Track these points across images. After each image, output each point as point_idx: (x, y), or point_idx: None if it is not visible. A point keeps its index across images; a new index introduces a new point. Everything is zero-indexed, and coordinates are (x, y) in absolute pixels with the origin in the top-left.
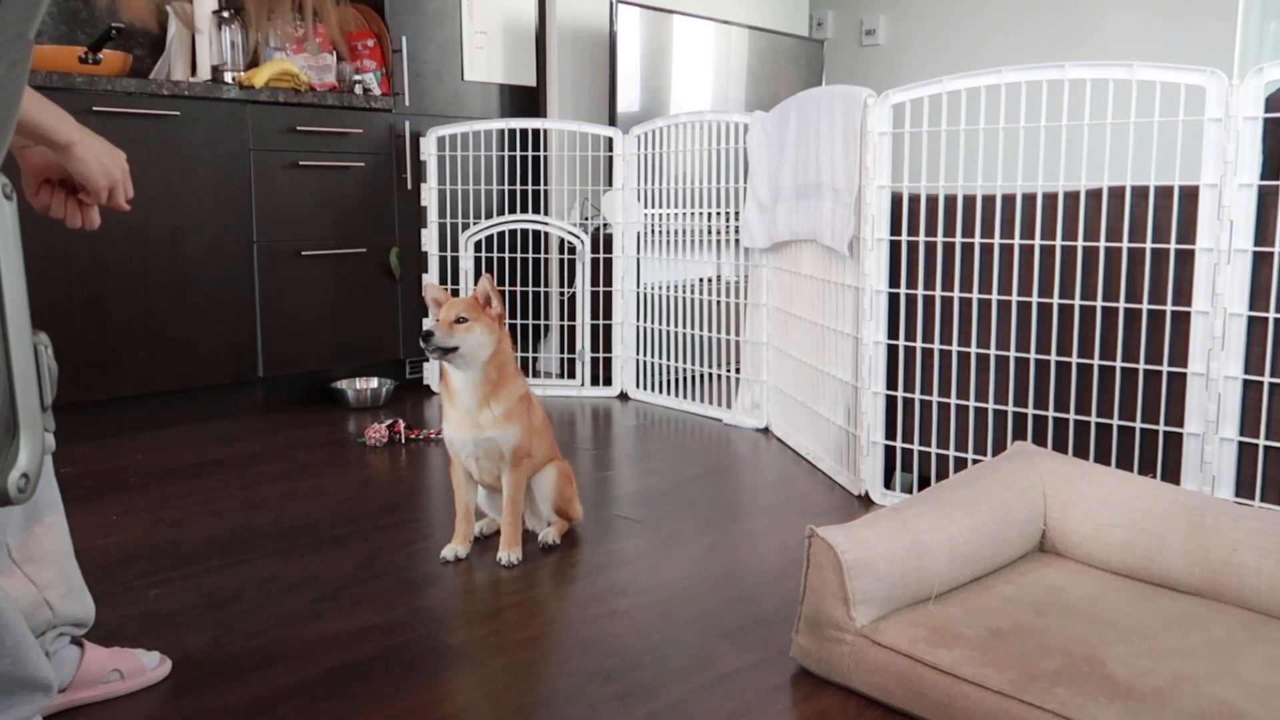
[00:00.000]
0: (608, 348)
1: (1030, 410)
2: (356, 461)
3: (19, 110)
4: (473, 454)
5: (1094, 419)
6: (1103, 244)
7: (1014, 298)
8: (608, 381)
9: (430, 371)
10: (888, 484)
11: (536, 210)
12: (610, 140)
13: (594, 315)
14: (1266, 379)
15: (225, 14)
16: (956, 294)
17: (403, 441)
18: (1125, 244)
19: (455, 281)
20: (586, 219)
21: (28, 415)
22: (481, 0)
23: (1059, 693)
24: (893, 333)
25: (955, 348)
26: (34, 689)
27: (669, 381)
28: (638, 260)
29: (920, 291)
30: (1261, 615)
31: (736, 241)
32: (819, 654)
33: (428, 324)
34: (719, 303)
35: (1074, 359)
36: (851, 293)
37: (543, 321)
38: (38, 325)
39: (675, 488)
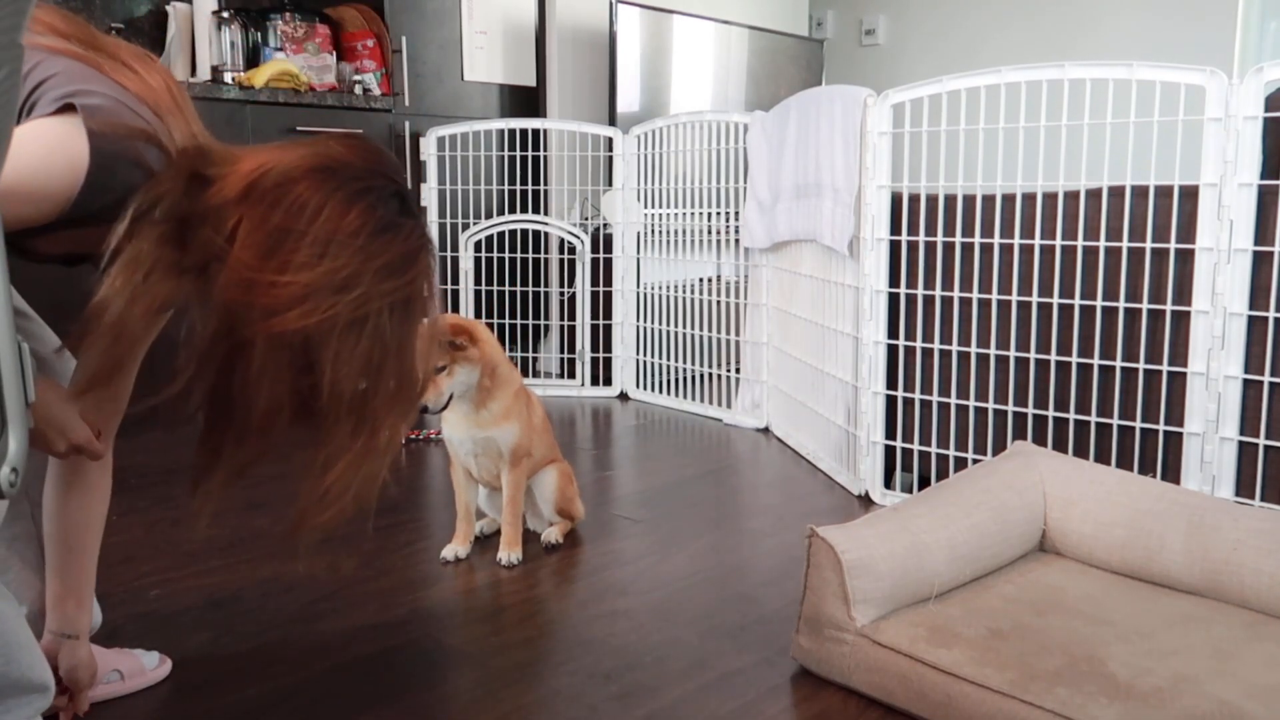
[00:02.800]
0: (608, 348)
1: (1030, 410)
2: None
3: (14, 122)
4: (471, 452)
5: (1094, 419)
6: (1103, 244)
7: (1014, 298)
8: (608, 381)
9: None
10: (888, 484)
11: (536, 210)
12: (610, 140)
13: (594, 315)
14: (1266, 378)
15: (225, 14)
16: (956, 294)
17: (403, 441)
18: (1125, 244)
19: (455, 282)
20: (586, 219)
21: (14, 411)
22: (481, 0)
23: (1059, 692)
24: (893, 332)
25: (955, 347)
26: (29, 690)
27: (669, 381)
28: (638, 260)
29: (920, 291)
30: (1261, 615)
31: (736, 241)
32: (819, 654)
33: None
34: (719, 303)
35: (1074, 359)
36: (851, 292)
37: (543, 321)
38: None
39: (675, 488)
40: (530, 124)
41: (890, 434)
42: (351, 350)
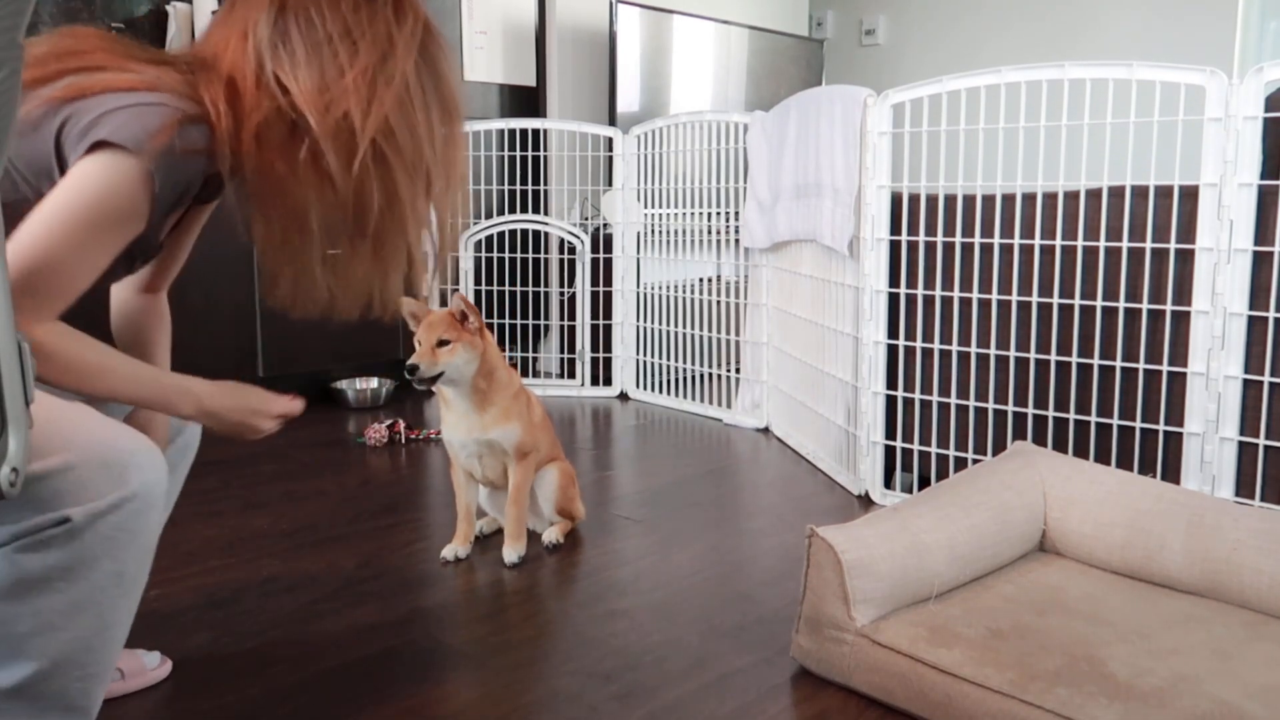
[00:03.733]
0: (608, 348)
1: (1030, 410)
2: (356, 461)
3: (14, 122)
4: (474, 454)
5: (1094, 419)
6: (1103, 244)
7: (1014, 298)
8: (608, 381)
9: None
10: (888, 484)
11: (536, 210)
12: (610, 140)
13: (594, 315)
14: (1266, 378)
15: None
16: (956, 294)
17: (403, 441)
18: (1125, 244)
19: (455, 282)
20: (586, 219)
21: (14, 411)
22: (481, 0)
23: (1059, 692)
24: (893, 332)
25: (955, 348)
26: (78, 715)
27: (669, 381)
28: (638, 260)
29: (920, 291)
30: (1261, 615)
31: (736, 241)
32: (819, 654)
33: (412, 358)
34: (719, 303)
35: (1074, 359)
36: (851, 292)
37: (543, 321)
38: None
39: (675, 488)
40: (530, 124)
41: (890, 434)
42: (417, 102)
